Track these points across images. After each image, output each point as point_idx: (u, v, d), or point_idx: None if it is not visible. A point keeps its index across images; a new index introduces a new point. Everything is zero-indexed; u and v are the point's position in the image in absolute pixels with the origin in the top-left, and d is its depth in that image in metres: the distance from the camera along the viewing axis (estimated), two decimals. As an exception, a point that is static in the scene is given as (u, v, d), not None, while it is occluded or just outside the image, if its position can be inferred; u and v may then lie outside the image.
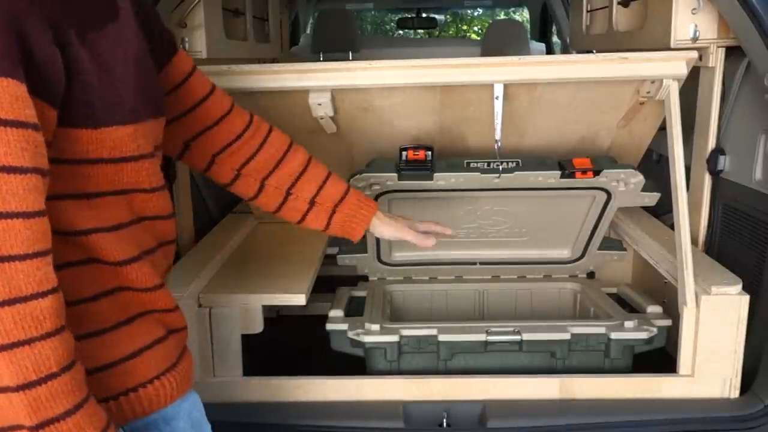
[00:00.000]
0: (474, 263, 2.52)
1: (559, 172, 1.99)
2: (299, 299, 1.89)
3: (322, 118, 2.03)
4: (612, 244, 2.46)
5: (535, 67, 1.94)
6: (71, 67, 0.94)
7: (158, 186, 1.14)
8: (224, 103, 1.41)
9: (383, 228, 1.57)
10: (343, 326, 2.10)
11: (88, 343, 1.02)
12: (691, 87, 2.12)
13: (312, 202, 1.48)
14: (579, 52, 3.33)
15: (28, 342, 0.86)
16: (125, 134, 1.03)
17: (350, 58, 4.34)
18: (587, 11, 3.09)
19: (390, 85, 1.95)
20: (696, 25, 2.04)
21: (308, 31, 5.48)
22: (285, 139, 1.49)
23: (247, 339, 1.95)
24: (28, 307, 0.86)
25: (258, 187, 1.46)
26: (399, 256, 2.49)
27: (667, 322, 2.09)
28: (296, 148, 1.50)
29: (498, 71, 1.92)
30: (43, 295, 0.88)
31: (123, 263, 1.06)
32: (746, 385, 1.90)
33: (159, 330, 1.12)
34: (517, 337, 2.04)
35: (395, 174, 2.01)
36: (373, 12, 9.01)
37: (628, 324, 2.06)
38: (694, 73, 2.08)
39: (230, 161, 1.42)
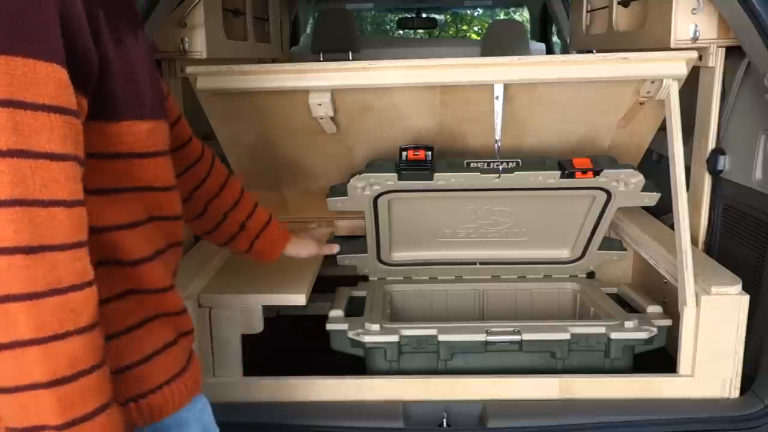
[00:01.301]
0: (474, 263, 2.52)
1: (559, 172, 1.99)
2: (299, 299, 1.90)
3: (322, 118, 2.03)
4: (612, 244, 2.46)
5: (535, 67, 1.94)
6: (101, 57, 0.93)
7: (172, 185, 1.14)
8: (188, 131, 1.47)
9: (297, 250, 1.79)
10: (343, 326, 2.10)
11: None
12: (691, 87, 2.12)
13: (242, 226, 1.61)
14: (579, 52, 3.33)
15: (63, 336, 0.83)
16: (144, 129, 1.02)
17: (350, 58, 4.33)
18: (587, 11, 3.09)
19: (390, 85, 1.95)
20: (696, 25, 2.04)
21: (308, 31, 5.48)
22: (224, 168, 1.58)
23: (247, 339, 1.95)
24: (66, 299, 0.83)
25: (201, 210, 1.53)
26: (399, 256, 2.49)
27: (667, 322, 2.09)
28: (233, 177, 1.60)
29: (498, 71, 1.92)
30: (81, 287, 0.85)
31: (138, 262, 1.04)
32: (746, 385, 1.90)
33: (169, 334, 1.11)
34: (517, 337, 2.04)
35: (395, 174, 2.01)
36: (373, 12, 9.01)
37: (628, 324, 2.06)
38: (694, 73, 2.08)
39: (184, 186, 1.44)
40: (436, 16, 6.67)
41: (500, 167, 1.99)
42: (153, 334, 1.08)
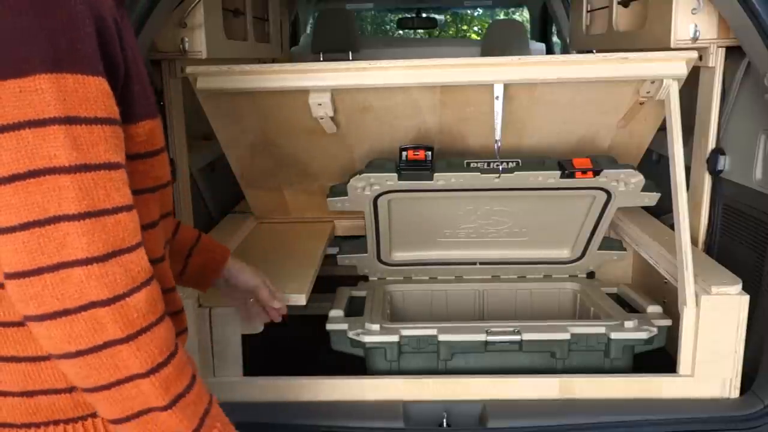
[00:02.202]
0: (474, 263, 2.52)
1: (559, 172, 1.99)
2: (299, 299, 1.89)
3: (322, 118, 2.03)
4: (612, 244, 2.46)
5: (535, 67, 1.94)
6: (125, 62, 0.95)
7: (171, 180, 1.15)
8: None
9: (241, 271, 1.54)
10: (343, 326, 2.10)
11: None
12: (691, 87, 2.12)
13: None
14: (579, 52, 3.33)
15: (149, 328, 0.89)
16: (154, 127, 1.04)
17: (350, 58, 4.33)
18: (587, 11, 3.09)
19: (390, 85, 1.95)
20: (696, 25, 2.04)
21: (308, 31, 5.48)
22: None
23: (247, 339, 1.95)
24: (142, 295, 0.89)
25: None
26: (399, 256, 2.49)
27: (667, 322, 2.09)
28: None
29: (498, 71, 1.92)
30: (150, 281, 0.91)
31: (153, 263, 1.03)
32: (746, 385, 1.90)
33: None
34: (517, 337, 2.04)
35: (395, 174, 2.01)
36: (373, 12, 9.01)
37: (628, 324, 2.06)
38: (694, 73, 2.08)
39: None
40: (436, 16, 6.67)
41: (500, 167, 1.99)
42: None
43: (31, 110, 0.82)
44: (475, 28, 11.66)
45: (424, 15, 6.25)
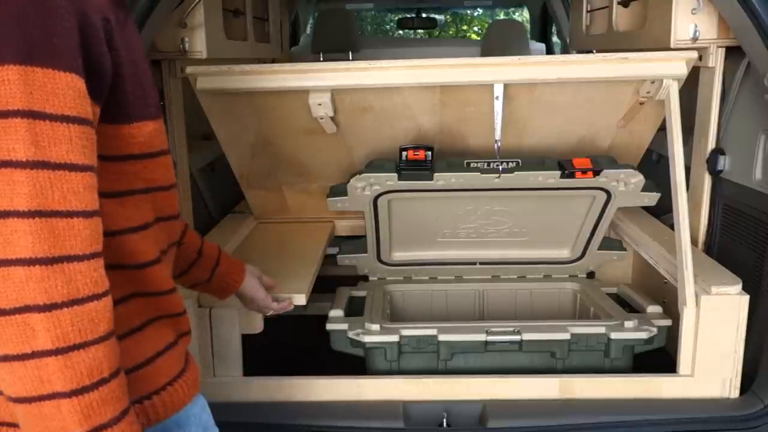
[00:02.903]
0: (474, 263, 2.52)
1: (559, 172, 1.99)
2: (299, 299, 1.90)
3: (322, 119, 2.03)
4: (612, 244, 2.46)
5: (535, 67, 1.94)
6: (114, 62, 0.92)
7: (173, 184, 1.13)
8: None
9: (252, 285, 1.59)
10: (343, 326, 2.10)
11: None
12: (691, 87, 2.12)
13: (200, 253, 1.43)
14: (579, 52, 3.33)
15: (83, 346, 0.84)
16: (153, 129, 1.02)
17: (350, 58, 4.34)
18: (587, 11, 3.09)
19: (390, 85, 1.95)
20: (696, 25, 2.04)
21: (308, 31, 5.48)
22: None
23: (247, 339, 1.95)
24: (84, 309, 0.84)
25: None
26: (399, 256, 2.49)
27: (667, 322, 2.09)
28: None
29: (498, 71, 1.92)
30: (98, 297, 0.85)
31: (145, 265, 1.04)
32: (746, 385, 1.90)
33: (170, 335, 1.11)
34: (517, 337, 2.04)
35: (395, 174, 2.01)
36: (373, 12, 9.01)
37: (628, 324, 2.06)
38: (694, 73, 2.08)
39: None
40: (436, 16, 6.66)
41: (500, 167, 1.99)
42: (154, 335, 1.07)
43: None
44: (475, 28, 11.67)
45: (424, 15, 6.25)
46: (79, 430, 0.84)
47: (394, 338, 2.04)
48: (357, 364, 2.09)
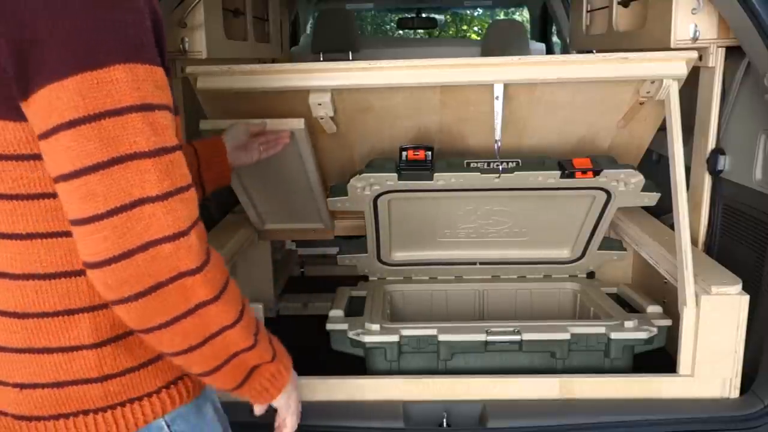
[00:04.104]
0: (474, 263, 2.52)
1: (559, 172, 1.99)
2: (298, 123, 1.90)
3: (322, 118, 2.03)
4: (612, 244, 2.46)
5: (535, 67, 1.94)
6: (162, 53, 1.00)
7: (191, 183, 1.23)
8: None
9: (237, 155, 1.78)
10: (343, 326, 2.10)
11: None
12: (691, 87, 2.12)
13: None
14: (579, 52, 3.33)
15: (227, 284, 0.99)
16: (178, 125, 1.07)
17: (350, 58, 4.33)
18: (587, 11, 3.09)
19: (390, 85, 1.95)
20: (696, 25, 2.04)
21: (308, 31, 5.48)
22: None
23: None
24: (215, 257, 0.98)
25: None
26: (399, 256, 2.49)
27: (667, 322, 2.09)
28: None
29: (498, 71, 1.92)
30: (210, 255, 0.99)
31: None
32: (746, 385, 1.90)
33: None
34: (517, 337, 2.04)
35: (395, 174, 2.01)
36: (373, 12, 9.01)
37: (628, 324, 2.06)
38: (694, 73, 2.08)
39: None
40: (436, 16, 6.66)
41: (500, 167, 1.99)
42: None
43: (109, 100, 0.85)
44: (475, 28, 11.66)
45: (424, 15, 6.25)
46: (249, 343, 1.03)
47: (394, 338, 2.04)
48: (357, 364, 2.09)
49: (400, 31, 7.99)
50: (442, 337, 2.04)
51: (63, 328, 0.99)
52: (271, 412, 1.30)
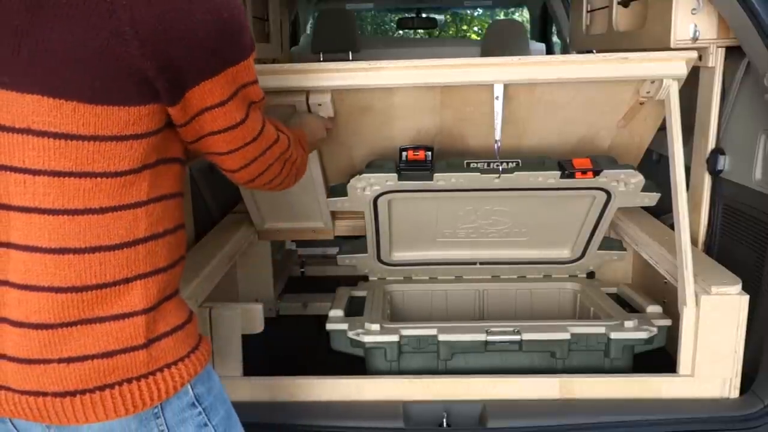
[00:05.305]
0: (474, 263, 2.52)
1: (559, 173, 1.99)
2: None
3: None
4: (612, 244, 2.46)
5: (535, 67, 1.94)
6: None
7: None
8: None
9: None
10: (343, 326, 2.10)
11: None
12: (691, 87, 2.12)
13: None
14: (579, 52, 3.32)
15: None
16: None
17: (350, 58, 4.34)
18: (587, 11, 3.09)
19: (390, 85, 1.95)
20: (696, 25, 2.04)
21: (308, 31, 5.48)
22: None
23: (247, 339, 1.95)
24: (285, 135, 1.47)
25: None
26: (399, 256, 2.49)
27: (667, 322, 2.09)
28: None
29: (498, 71, 1.92)
30: None
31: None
32: (746, 385, 1.90)
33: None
34: (517, 337, 2.04)
35: (395, 174, 2.01)
36: (373, 12, 9.02)
37: (628, 324, 2.06)
38: (694, 73, 2.08)
39: None
40: (436, 16, 6.67)
41: (500, 167, 1.99)
42: None
43: (241, 81, 1.13)
44: (475, 28, 11.67)
45: (424, 15, 6.25)
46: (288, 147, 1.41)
47: (394, 338, 2.04)
48: (357, 364, 2.09)
49: (400, 31, 8.00)
50: (442, 337, 2.04)
51: (119, 296, 1.04)
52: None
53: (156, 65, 0.98)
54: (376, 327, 2.07)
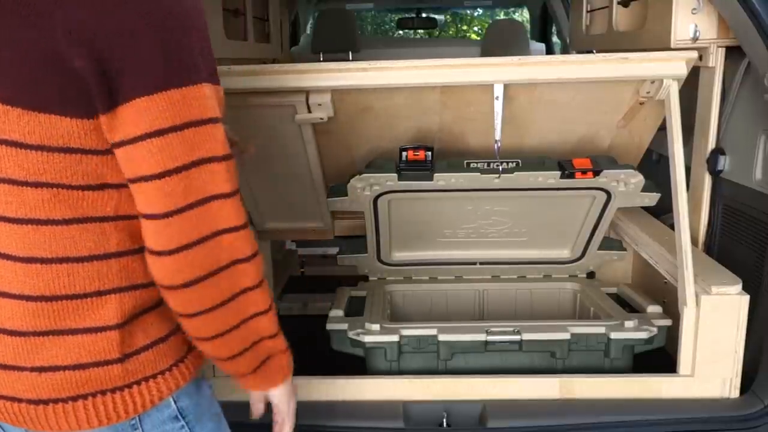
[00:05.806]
0: (474, 263, 2.52)
1: (559, 173, 1.99)
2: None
3: (321, 119, 2.03)
4: (612, 244, 2.46)
5: (535, 67, 1.94)
6: None
7: None
8: None
9: None
10: (343, 326, 2.10)
11: None
12: (691, 87, 2.12)
13: None
14: (579, 52, 3.33)
15: (263, 277, 1.11)
16: None
17: (350, 58, 4.34)
18: (587, 11, 3.09)
19: (390, 85, 1.95)
20: (696, 25, 2.04)
21: (308, 31, 5.48)
22: None
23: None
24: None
25: None
26: (399, 256, 2.49)
27: (667, 322, 2.09)
28: None
29: (498, 71, 1.92)
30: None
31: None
32: (746, 385, 1.90)
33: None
34: (517, 337, 2.04)
35: (395, 174, 2.01)
36: (373, 12, 9.01)
37: (628, 324, 2.06)
38: (694, 73, 2.08)
39: None
40: (436, 17, 6.67)
41: (500, 167, 1.99)
42: None
43: (194, 112, 0.98)
44: (475, 28, 11.66)
45: (424, 15, 6.25)
46: (274, 331, 1.16)
47: (394, 338, 2.04)
48: (357, 364, 2.09)
49: (400, 32, 7.99)
50: (442, 337, 2.04)
51: (91, 309, 1.03)
52: (268, 413, 1.30)
53: (91, 67, 0.93)
54: (376, 327, 2.07)
